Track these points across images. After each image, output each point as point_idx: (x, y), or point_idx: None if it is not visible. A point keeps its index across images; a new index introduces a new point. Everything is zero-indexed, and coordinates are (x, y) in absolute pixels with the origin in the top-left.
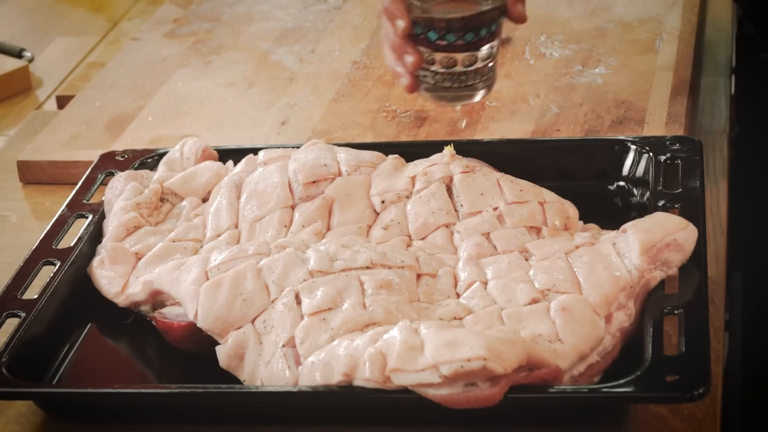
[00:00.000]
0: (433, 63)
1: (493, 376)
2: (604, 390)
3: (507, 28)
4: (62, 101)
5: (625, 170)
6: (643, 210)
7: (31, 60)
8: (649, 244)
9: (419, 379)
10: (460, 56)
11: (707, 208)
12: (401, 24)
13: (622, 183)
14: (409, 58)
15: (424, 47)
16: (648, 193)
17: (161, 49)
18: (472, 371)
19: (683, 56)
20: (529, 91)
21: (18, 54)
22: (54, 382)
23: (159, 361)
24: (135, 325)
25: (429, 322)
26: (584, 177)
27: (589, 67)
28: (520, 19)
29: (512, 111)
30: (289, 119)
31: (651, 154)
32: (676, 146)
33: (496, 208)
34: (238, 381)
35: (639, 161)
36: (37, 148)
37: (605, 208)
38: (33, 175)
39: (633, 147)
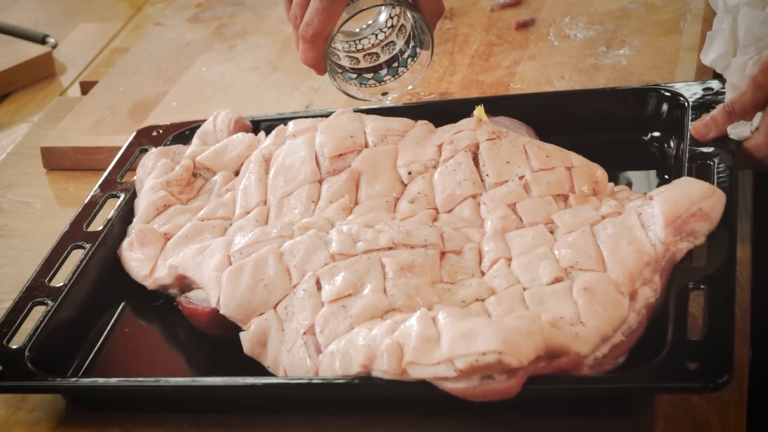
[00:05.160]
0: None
1: (509, 369)
2: (624, 381)
3: (530, 9)
4: (86, 87)
5: (660, 119)
6: (677, 162)
7: (54, 46)
8: (674, 215)
9: (435, 372)
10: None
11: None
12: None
13: (656, 133)
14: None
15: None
16: (682, 144)
17: (185, 34)
18: (487, 365)
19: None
20: (553, 73)
21: (42, 40)
22: (84, 365)
23: (189, 344)
24: (165, 307)
25: (448, 309)
26: (618, 127)
27: (614, 49)
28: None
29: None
30: (313, 103)
31: (686, 103)
32: (711, 94)
33: (522, 177)
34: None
35: (673, 109)
36: (61, 135)
37: (640, 158)
38: (57, 161)
39: (668, 95)
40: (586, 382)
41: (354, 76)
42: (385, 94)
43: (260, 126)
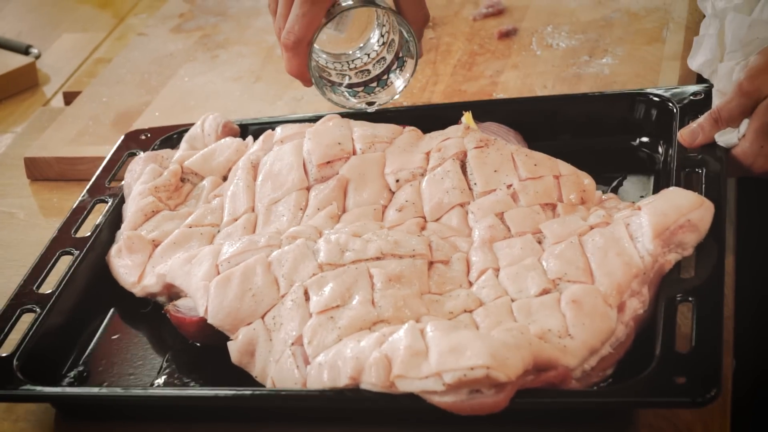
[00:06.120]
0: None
1: (497, 383)
2: (613, 395)
3: (513, 19)
4: (69, 97)
5: (648, 124)
6: (665, 168)
7: (38, 56)
8: (663, 227)
9: (423, 386)
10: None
11: None
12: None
13: (645, 138)
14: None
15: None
16: (671, 150)
17: (168, 44)
18: (475, 379)
19: (690, 45)
20: (536, 83)
21: (25, 51)
22: (73, 373)
23: (176, 350)
24: (153, 314)
25: (436, 321)
26: (607, 131)
27: (596, 58)
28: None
29: None
30: (296, 113)
31: (674, 108)
32: (700, 97)
33: (510, 186)
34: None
35: (662, 114)
36: (44, 145)
37: (629, 163)
38: (40, 171)
39: (656, 100)
40: (575, 397)
41: (343, 89)
42: (371, 103)
43: (248, 130)
